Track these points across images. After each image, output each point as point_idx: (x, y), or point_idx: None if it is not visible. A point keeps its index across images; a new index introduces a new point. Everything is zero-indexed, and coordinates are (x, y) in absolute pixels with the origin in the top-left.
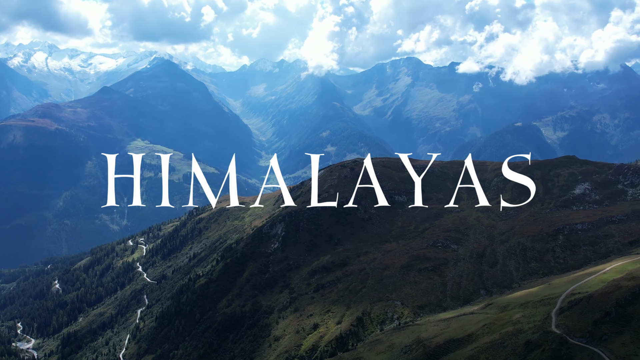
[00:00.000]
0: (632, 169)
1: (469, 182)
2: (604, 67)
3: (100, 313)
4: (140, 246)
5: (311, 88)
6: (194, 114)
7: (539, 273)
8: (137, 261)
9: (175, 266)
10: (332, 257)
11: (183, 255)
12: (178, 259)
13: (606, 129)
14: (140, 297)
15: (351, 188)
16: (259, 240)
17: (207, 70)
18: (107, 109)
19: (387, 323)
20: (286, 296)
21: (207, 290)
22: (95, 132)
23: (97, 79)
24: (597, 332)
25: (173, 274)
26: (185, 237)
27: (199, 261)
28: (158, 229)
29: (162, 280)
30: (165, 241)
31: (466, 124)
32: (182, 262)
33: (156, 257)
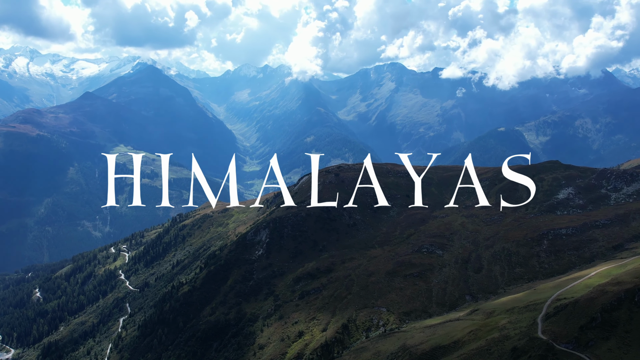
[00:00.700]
0: (615, 174)
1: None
2: (585, 73)
3: (82, 322)
4: (122, 253)
5: (295, 93)
6: (178, 119)
7: (524, 278)
8: (120, 269)
9: (158, 274)
10: (317, 264)
11: (166, 263)
12: (161, 267)
13: (588, 134)
14: (122, 306)
15: (334, 194)
16: (243, 247)
17: (190, 76)
18: (89, 115)
19: (373, 330)
20: (271, 303)
21: (191, 298)
22: (77, 138)
23: (79, 85)
24: (583, 337)
25: (156, 282)
26: (169, 244)
27: (182, 268)
28: (141, 235)
29: (145, 288)
30: (148, 248)
31: (450, 129)
32: (165, 270)
33: (139, 265)
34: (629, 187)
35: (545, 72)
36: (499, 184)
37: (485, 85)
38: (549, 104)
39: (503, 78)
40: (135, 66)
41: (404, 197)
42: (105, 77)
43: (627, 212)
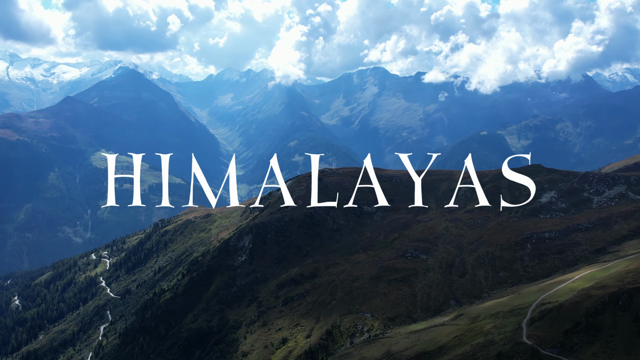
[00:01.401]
0: (597, 177)
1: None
2: (566, 77)
3: (62, 330)
4: (103, 260)
5: (278, 98)
6: (160, 123)
7: (508, 282)
8: (101, 275)
9: (139, 280)
10: (301, 269)
11: (148, 269)
12: (143, 273)
13: (569, 137)
14: (103, 313)
15: (319, 198)
16: (225, 252)
17: (173, 80)
18: (70, 119)
19: (357, 336)
20: (254, 310)
21: (173, 305)
22: (58, 143)
23: (60, 89)
24: (568, 342)
25: (137, 289)
26: (150, 250)
27: (164, 275)
28: (122, 241)
29: (126, 295)
30: (130, 254)
31: (432, 133)
32: (147, 276)
33: (120, 271)
34: (610, 191)
35: (526, 77)
36: (482, 187)
37: (468, 89)
38: (531, 108)
39: (485, 82)
40: (116, 70)
41: (387, 201)
42: (86, 81)
43: (609, 216)
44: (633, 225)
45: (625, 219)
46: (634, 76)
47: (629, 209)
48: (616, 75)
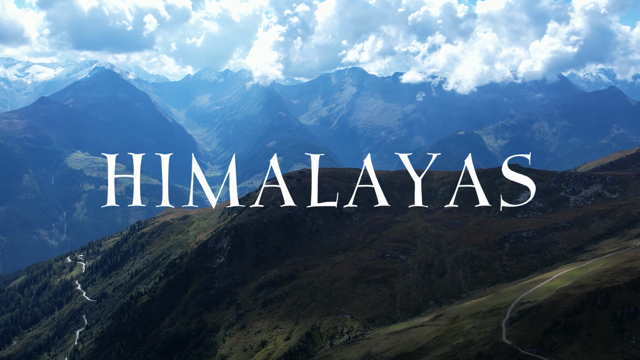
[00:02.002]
0: (573, 177)
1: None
2: (541, 77)
3: (36, 335)
4: (79, 263)
5: (257, 98)
6: (137, 124)
7: (487, 282)
8: (76, 279)
9: (116, 283)
10: (280, 271)
11: (124, 272)
12: (119, 276)
13: (545, 137)
14: (79, 317)
15: (297, 200)
16: (203, 255)
17: (150, 80)
18: (45, 120)
19: (337, 338)
20: (233, 313)
21: (150, 308)
22: (32, 144)
23: (34, 89)
24: (547, 342)
25: (114, 292)
26: (127, 252)
27: (141, 278)
28: (98, 244)
29: (103, 299)
30: (106, 257)
31: (410, 133)
32: (124, 279)
33: (96, 275)
34: (587, 190)
35: (503, 77)
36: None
37: (445, 89)
38: (507, 108)
39: (462, 82)
40: (92, 70)
41: (366, 201)
42: (61, 81)
43: (585, 215)
44: (609, 224)
45: (601, 218)
46: (608, 76)
47: (605, 207)
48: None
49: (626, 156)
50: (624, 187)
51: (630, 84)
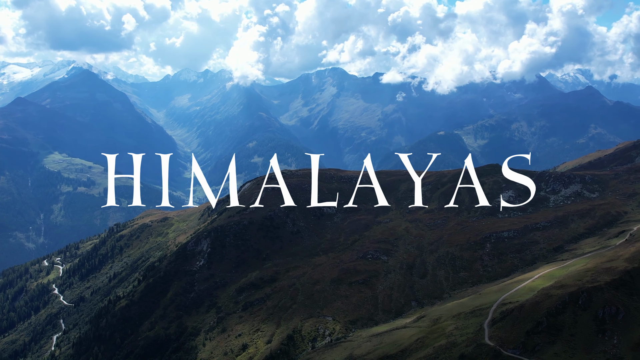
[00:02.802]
0: (553, 177)
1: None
2: (520, 77)
3: (12, 341)
4: (56, 266)
5: (237, 98)
6: (115, 125)
7: (468, 282)
8: (53, 283)
9: (94, 287)
10: (261, 273)
11: (103, 275)
12: (97, 280)
13: (524, 137)
14: (56, 322)
15: (278, 201)
16: (183, 257)
17: (128, 80)
18: (21, 121)
19: (319, 340)
20: (213, 316)
21: (129, 312)
22: (8, 146)
23: (10, 90)
24: (530, 342)
25: (92, 296)
26: (105, 255)
27: (119, 281)
28: (76, 247)
29: (80, 303)
30: (84, 260)
31: (391, 133)
32: (102, 283)
33: (74, 278)
34: (566, 190)
35: (482, 77)
36: (441, 188)
37: (425, 90)
38: (486, 108)
39: (442, 83)
40: (70, 71)
41: (347, 202)
42: (38, 82)
43: (565, 214)
44: (589, 223)
45: (581, 217)
46: (585, 77)
47: (584, 207)
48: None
49: (604, 156)
50: (603, 186)
51: (607, 84)
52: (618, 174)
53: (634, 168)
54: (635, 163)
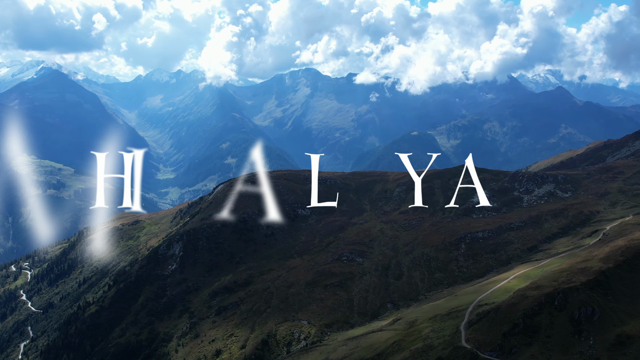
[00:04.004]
0: (526, 176)
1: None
2: (492, 78)
3: None
4: (24, 271)
5: (210, 99)
6: (86, 126)
7: (444, 283)
8: (21, 288)
9: (63, 293)
10: (234, 277)
11: (72, 281)
12: (67, 285)
13: (496, 137)
14: (23, 329)
15: (252, 202)
16: (155, 261)
17: (99, 81)
18: None
19: (294, 344)
20: (186, 321)
21: (98, 318)
22: None
23: None
24: (506, 344)
25: (61, 302)
26: (75, 260)
27: (89, 286)
28: (45, 251)
29: (49, 310)
30: (53, 265)
31: (365, 133)
32: (71, 288)
33: (42, 284)
34: (539, 189)
35: (454, 78)
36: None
37: (398, 90)
38: (459, 109)
39: (415, 83)
40: (39, 71)
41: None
42: (6, 82)
43: (539, 214)
44: (562, 223)
45: (554, 217)
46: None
47: (557, 207)
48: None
49: (576, 155)
50: (576, 186)
51: (577, 84)
52: (590, 173)
53: (605, 167)
54: (607, 163)
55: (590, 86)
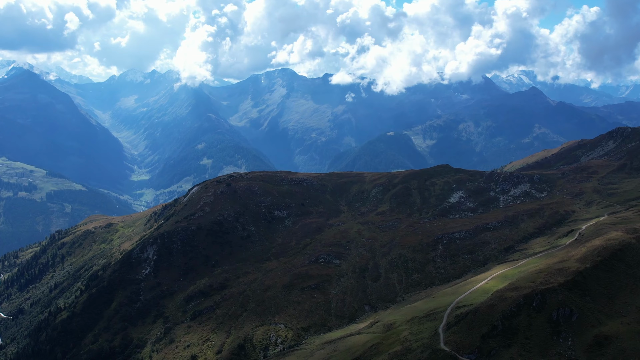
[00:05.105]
0: (502, 177)
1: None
2: (467, 78)
3: None
4: None
5: (185, 99)
6: (58, 127)
7: (421, 285)
8: None
9: (34, 298)
10: (210, 280)
11: (43, 286)
12: (37, 290)
13: (471, 137)
14: None
15: (227, 204)
16: (128, 265)
17: (72, 81)
18: None
19: (271, 349)
20: (160, 326)
21: (70, 325)
22: None
23: None
24: (485, 347)
25: (31, 308)
26: (46, 264)
27: (61, 292)
28: (15, 255)
29: (19, 316)
30: (23, 270)
31: (341, 134)
32: (42, 294)
33: (12, 289)
34: (515, 189)
35: (430, 78)
36: (392, 189)
37: (374, 90)
38: (434, 109)
39: (391, 84)
40: (9, 71)
41: (298, 205)
42: None
43: (515, 214)
44: (538, 222)
45: (530, 217)
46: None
47: (533, 206)
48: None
49: (551, 155)
50: (551, 186)
51: (550, 85)
52: (565, 173)
53: (580, 167)
54: (581, 162)
55: (563, 86)
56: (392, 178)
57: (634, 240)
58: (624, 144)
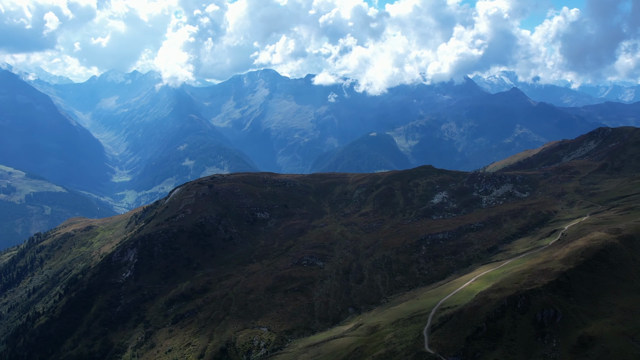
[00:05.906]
0: (485, 177)
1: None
2: (449, 79)
3: None
4: None
5: (166, 100)
6: (38, 128)
7: (405, 286)
8: None
9: (12, 303)
10: (192, 284)
11: (21, 290)
12: (15, 295)
13: (453, 137)
14: None
15: (209, 206)
16: (108, 269)
17: (52, 82)
18: None
19: (254, 352)
20: (141, 331)
21: (49, 330)
22: None
23: None
24: (470, 349)
25: (9, 313)
26: (24, 268)
27: (39, 296)
28: None
29: None
30: (0, 274)
31: (324, 134)
32: (20, 298)
33: None
34: (498, 190)
35: (412, 79)
36: (375, 190)
37: (357, 91)
38: (417, 109)
39: (373, 84)
40: None
41: (281, 207)
42: None
43: (498, 215)
44: (521, 223)
45: (513, 217)
46: (510, 79)
47: (516, 207)
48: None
49: (532, 155)
50: (533, 186)
51: (531, 85)
52: (547, 173)
53: (561, 167)
54: (563, 162)
55: (544, 87)
56: (375, 179)
57: (617, 240)
58: (605, 144)
